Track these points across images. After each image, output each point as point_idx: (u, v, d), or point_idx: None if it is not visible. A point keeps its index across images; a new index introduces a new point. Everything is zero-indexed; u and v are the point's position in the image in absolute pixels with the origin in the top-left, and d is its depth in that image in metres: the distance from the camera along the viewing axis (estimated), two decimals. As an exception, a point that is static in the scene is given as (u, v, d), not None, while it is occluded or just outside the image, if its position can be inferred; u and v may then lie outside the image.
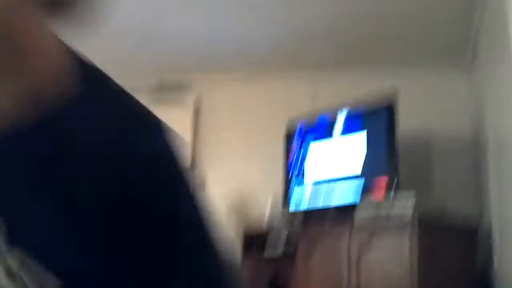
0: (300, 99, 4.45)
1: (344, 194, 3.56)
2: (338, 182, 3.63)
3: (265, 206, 4.10)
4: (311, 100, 4.34)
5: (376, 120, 3.47)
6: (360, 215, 3.21)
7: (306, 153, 3.93)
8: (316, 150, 3.86)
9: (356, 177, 3.51)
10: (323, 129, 3.84)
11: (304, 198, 3.86)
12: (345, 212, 3.43)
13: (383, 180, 3.32)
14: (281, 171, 4.08)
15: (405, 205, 2.97)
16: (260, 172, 4.54)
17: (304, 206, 3.85)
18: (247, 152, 4.68)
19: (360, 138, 3.55)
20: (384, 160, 3.36)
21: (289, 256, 3.58)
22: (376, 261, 3.05)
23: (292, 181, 3.99)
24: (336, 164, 3.68)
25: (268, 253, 3.78)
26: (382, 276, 3.00)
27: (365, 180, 3.44)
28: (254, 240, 3.91)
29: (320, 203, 3.72)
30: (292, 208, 3.95)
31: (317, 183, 3.79)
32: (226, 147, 4.75)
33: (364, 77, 4.06)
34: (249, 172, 4.61)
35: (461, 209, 3.35)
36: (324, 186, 3.73)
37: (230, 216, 4.34)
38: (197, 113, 4.88)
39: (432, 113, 3.90)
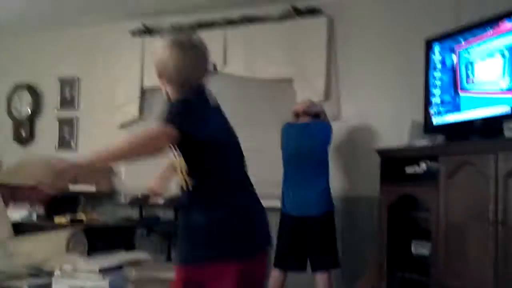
0: (441, 13, 4.16)
1: (494, 108, 3.29)
2: (487, 96, 3.38)
3: (405, 129, 3.97)
4: (453, 14, 4.03)
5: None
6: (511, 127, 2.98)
7: (451, 68, 3.67)
8: (463, 64, 3.58)
9: (507, 91, 3.23)
10: (468, 43, 3.53)
11: (447, 115, 3.67)
12: (494, 125, 3.19)
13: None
14: (422, 91, 3.87)
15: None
16: (399, 94, 4.40)
17: (448, 121, 3.65)
18: (384, 76, 4.54)
19: (508, 52, 3.19)
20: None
21: (431, 174, 3.48)
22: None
23: (434, 99, 3.78)
24: (485, 79, 3.41)
25: (409, 170, 3.70)
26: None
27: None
28: (394, 160, 3.84)
29: (466, 117, 3.49)
30: (434, 125, 3.78)
31: (464, 97, 3.55)
32: (362, 75, 4.64)
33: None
34: (387, 95, 4.49)
35: None
36: (472, 100, 3.48)
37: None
38: (330, 35, 4.76)
39: None
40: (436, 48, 3.80)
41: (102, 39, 5.81)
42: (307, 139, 4.02)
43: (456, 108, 3.58)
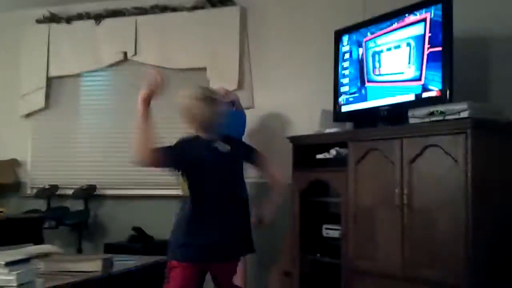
0: (351, 4, 4.28)
1: (399, 96, 3.44)
2: (392, 85, 3.53)
3: (316, 117, 4.07)
4: (362, 6, 4.16)
5: (430, 22, 3.27)
6: (415, 114, 3.12)
7: (358, 59, 3.80)
8: (369, 54, 3.72)
9: (412, 80, 3.38)
10: (375, 35, 3.67)
11: (355, 104, 3.80)
12: (399, 112, 3.32)
13: (438, 84, 3.20)
14: (332, 81, 3.98)
15: (461, 108, 2.86)
16: (310, 84, 4.48)
17: (356, 109, 3.79)
18: (296, 65, 4.60)
19: (413, 42, 3.37)
20: (439, 61, 3.21)
21: (340, 160, 3.59)
22: (429, 167, 2.96)
23: (343, 88, 3.91)
24: (391, 69, 3.56)
25: (319, 157, 3.79)
26: (435, 183, 2.92)
27: (421, 84, 3.32)
28: (305, 147, 3.92)
29: (373, 105, 3.64)
30: (343, 113, 3.91)
31: (370, 87, 3.70)
32: (274, 64, 4.68)
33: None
34: (299, 84, 4.56)
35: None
36: (377, 90, 3.63)
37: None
38: (243, 24, 4.79)
39: (491, 10, 3.62)
40: (345, 40, 3.92)
41: (6, 26, 5.53)
42: (224, 127, 4.02)
43: (364, 97, 3.72)
